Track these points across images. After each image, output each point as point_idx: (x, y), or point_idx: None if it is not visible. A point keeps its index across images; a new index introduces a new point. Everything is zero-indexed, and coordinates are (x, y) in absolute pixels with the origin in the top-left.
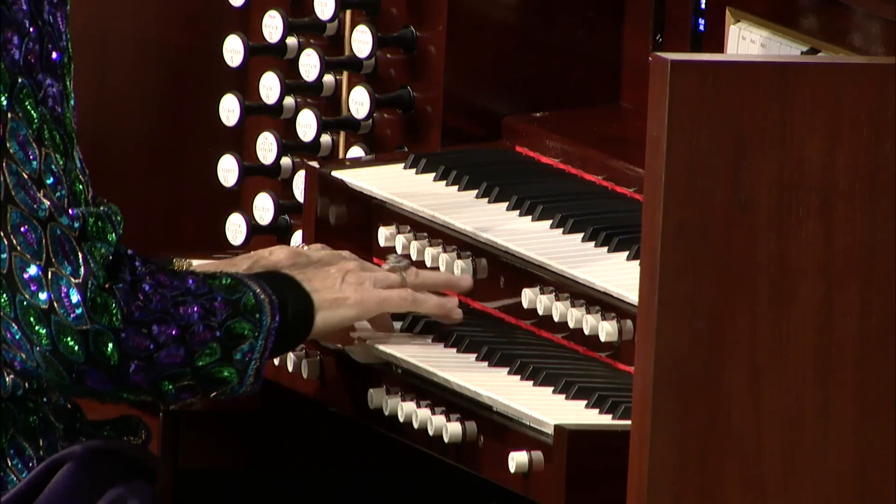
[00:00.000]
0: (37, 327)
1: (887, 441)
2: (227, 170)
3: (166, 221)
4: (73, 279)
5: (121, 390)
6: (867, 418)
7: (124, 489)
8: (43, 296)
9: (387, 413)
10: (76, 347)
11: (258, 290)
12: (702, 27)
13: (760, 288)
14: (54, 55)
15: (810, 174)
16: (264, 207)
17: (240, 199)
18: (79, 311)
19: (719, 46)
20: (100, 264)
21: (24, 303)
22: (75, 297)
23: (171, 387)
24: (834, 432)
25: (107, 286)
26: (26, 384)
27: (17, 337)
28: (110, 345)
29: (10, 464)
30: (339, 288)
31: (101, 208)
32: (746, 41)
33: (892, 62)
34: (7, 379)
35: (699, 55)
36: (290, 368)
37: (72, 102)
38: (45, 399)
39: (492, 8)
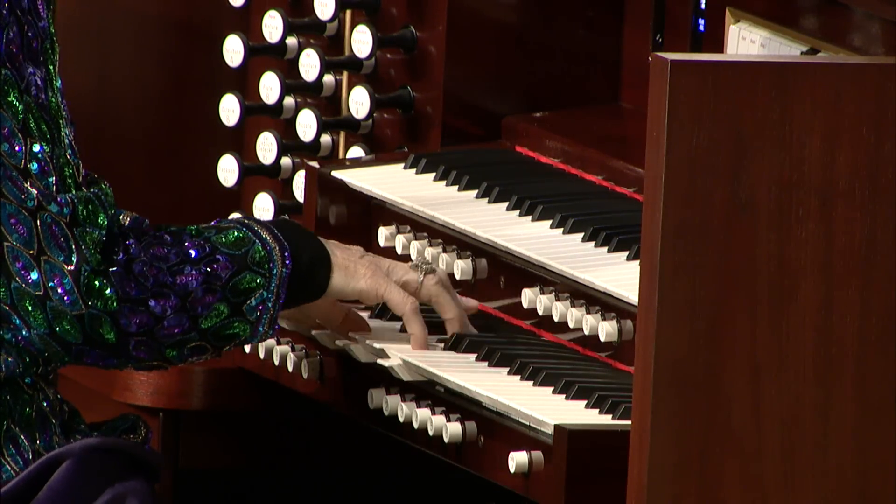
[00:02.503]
0: (33, 312)
1: (887, 441)
2: (227, 170)
3: (166, 221)
4: (66, 266)
5: (123, 363)
6: (867, 418)
7: (123, 488)
8: (37, 283)
9: (387, 413)
10: (72, 331)
11: (268, 238)
12: (702, 27)
13: (760, 288)
14: (34, 43)
15: (810, 174)
16: (264, 207)
17: (240, 199)
18: (73, 296)
19: (719, 46)
20: (91, 249)
21: (19, 289)
22: (69, 284)
23: (176, 353)
24: (834, 432)
25: (101, 269)
26: (19, 368)
27: (17, 322)
28: (107, 326)
29: (5, 454)
30: (356, 261)
31: (92, 190)
32: (746, 41)
33: (892, 62)
34: (2, 364)
35: (699, 55)
36: (290, 368)
37: (57, 84)
38: (41, 394)
39: (492, 8)
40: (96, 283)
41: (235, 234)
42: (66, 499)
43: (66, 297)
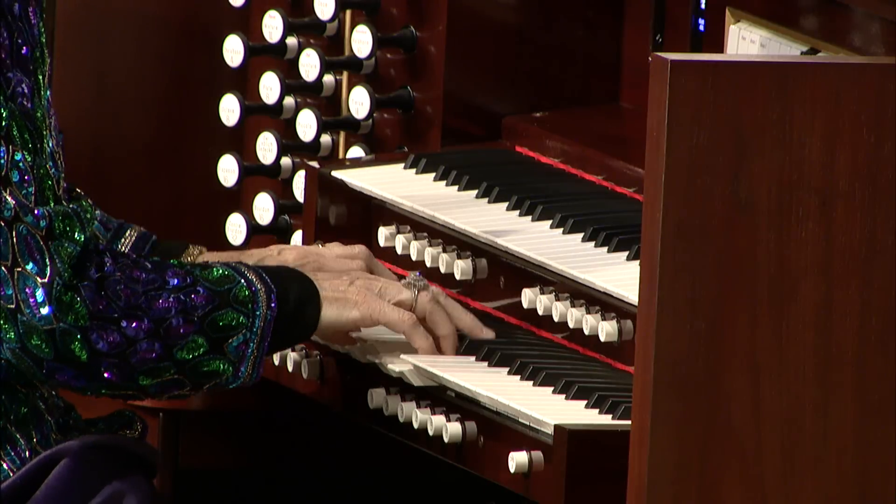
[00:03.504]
0: (4, 325)
1: (887, 441)
2: (227, 170)
3: (166, 221)
4: (38, 279)
5: (95, 386)
6: (867, 418)
7: (122, 485)
8: (9, 296)
9: (387, 413)
10: (43, 346)
11: (254, 280)
12: (702, 27)
13: (760, 288)
14: (24, 50)
15: (810, 174)
16: (264, 207)
17: (240, 199)
18: (44, 310)
19: (719, 46)
20: (66, 263)
21: None
22: (41, 297)
23: (149, 381)
24: (834, 432)
25: (73, 283)
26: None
27: None
28: (77, 343)
29: (2, 455)
30: (346, 289)
31: (71, 206)
32: (746, 41)
33: (892, 62)
34: None
35: (699, 55)
36: (290, 368)
37: (45, 94)
38: (37, 392)
39: (492, 8)
40: (67, 297)
41: (221, 271)
42: (64, 496)
43: (37, 311)
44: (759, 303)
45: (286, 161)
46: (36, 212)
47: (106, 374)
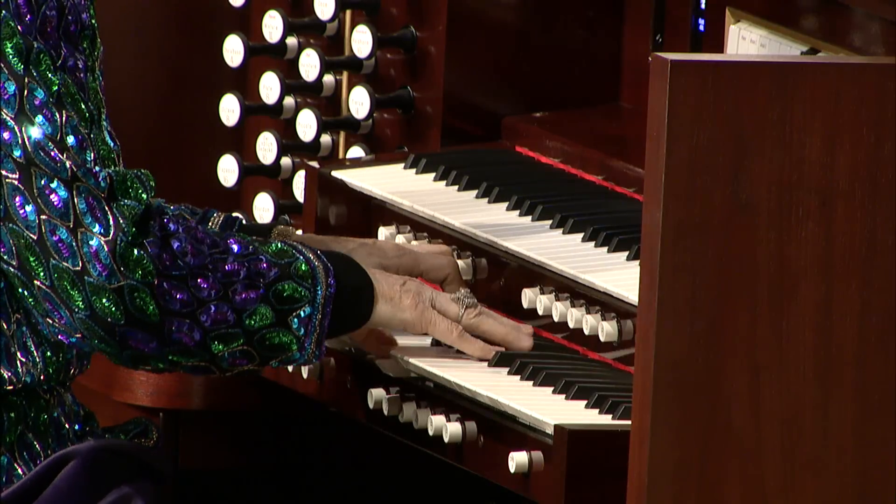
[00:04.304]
0: (72, 292)
1: (887, 441)
2: (227, 170)
3: None
4: (102, 237)
5: (166, 350)
6: (867, 418)
7: (129, 488)
8: (74, 257)
9: (387, 413)
10: (112, 308)
11: (311, 257)
12: (702, 27)
13: (760, 288)
14: (72, 28)
15: (810, 174)
16: (264, 207)
17: (240, 199)
18: (110, 268)
19: (719, 46)
20: (129, 220)
21: (58, 266)
22: (105, 256)
23: (222, 347)
24: (834, 432)
25: (138, 240)
26: (42, 377)
27: (63, 313)
28: (147, 299)
29: (18, 460)
30: (399, 291)
31: (134, 171)
32: (746, 41)
33: (892, 62)
34: (21, 369)
35: (699, 55)
36: (289, 368)
37: (99, 78)
38: (57, 399)
39: (492, 8)
40: (133, 252)
41: (279, 246)
42: (72, 497)
43: (103, 271)
44: (759, 303)
45: (286, 161)
46: (96, 171)
47: (179, 336)
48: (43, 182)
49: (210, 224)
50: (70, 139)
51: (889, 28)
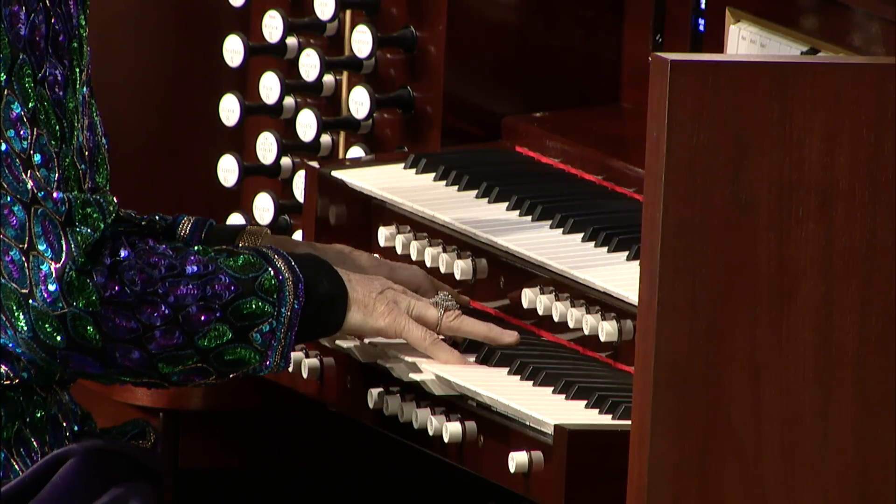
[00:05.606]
0: (17, 313)
1: (887, 441)
2: (227, 170)
3: None
4: (53, 263)
5: (113, 373)
6: (867, 418)
7: (126, 488)
8: (23, 280)
9: (387, 413)
10: (54, 334)
11: (282, 268)
12: (702, 27)
13: (760, 288)
14: (61, 37)
15: (810, 174)
16: (264, 207)
17: (240, 199)
18: (55, 295)
19: (719, 46)
20: (81, 248)
21: (6, 287)
22: (52, 282)
23: (169, 369)
24: (834, 432)
25: (86, 269)
26: (33, 371)
27: (8, 331)
28: (90, 328)
29: (14, 456)
30: (375, 297)
31: (95, 196)
32: (746, 41)
33: (892, 62)
34: (17, 365)
35: (699, 55)
36: (289, 368)
37: (81, 89)
38: (55, 398)
39: (492, 8)
40: (78, 281)
41: (246, 258)
42: (68, 496)
43: (48, 298)
44: (759, 303)
45: (286, 161)
46: (56, 195)
47: (123, 361)
48: (3, 200)
49: (179, 230)
50: (37, 157)
51: (889, 28)
